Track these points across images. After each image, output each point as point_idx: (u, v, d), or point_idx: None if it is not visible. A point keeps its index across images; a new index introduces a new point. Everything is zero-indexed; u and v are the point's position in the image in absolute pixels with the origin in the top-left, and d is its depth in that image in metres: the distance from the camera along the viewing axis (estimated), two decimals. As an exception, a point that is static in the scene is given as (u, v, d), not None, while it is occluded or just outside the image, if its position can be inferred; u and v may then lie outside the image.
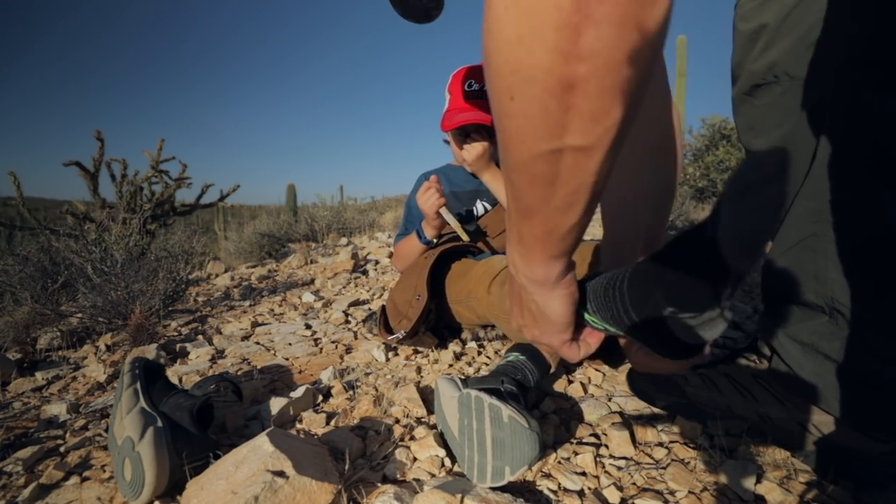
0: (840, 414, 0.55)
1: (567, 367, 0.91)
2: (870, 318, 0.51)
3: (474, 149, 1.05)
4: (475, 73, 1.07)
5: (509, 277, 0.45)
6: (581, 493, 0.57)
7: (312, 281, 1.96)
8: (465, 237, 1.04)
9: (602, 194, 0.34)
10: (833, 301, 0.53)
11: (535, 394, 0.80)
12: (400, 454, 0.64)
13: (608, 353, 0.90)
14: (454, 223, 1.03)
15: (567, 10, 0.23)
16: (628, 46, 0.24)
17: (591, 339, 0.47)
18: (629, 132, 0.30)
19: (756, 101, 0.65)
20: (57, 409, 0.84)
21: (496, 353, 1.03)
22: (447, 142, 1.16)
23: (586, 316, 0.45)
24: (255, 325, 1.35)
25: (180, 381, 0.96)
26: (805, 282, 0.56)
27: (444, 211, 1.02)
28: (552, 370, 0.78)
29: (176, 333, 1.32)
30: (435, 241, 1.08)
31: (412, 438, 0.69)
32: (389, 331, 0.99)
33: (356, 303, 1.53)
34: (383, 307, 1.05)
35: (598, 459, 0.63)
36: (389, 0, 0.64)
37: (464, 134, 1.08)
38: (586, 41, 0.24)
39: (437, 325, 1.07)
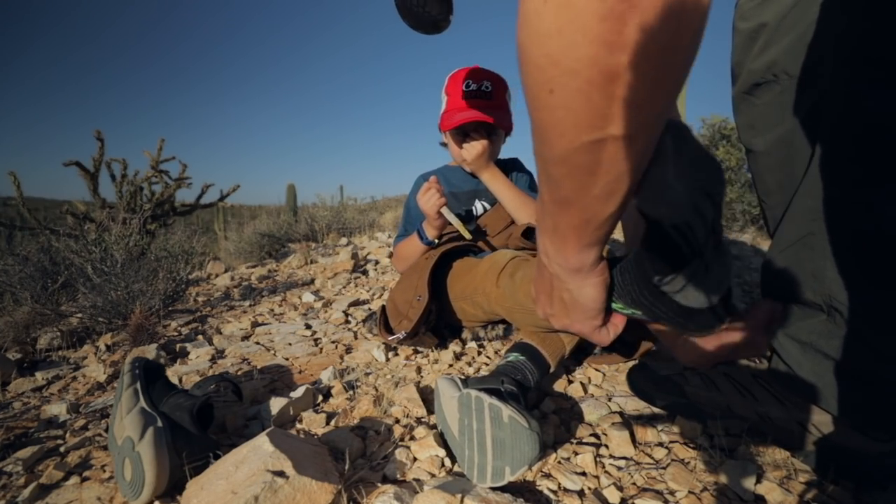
0: (839, 413, 0.55)
1: (567, 367, 0.91)
2: (868, 316, 0.51)
3: (474, 148, 1.06)
4: (471, 75, 1.08)
5: (538, 268, 0.46)
6: (581, 493, 0.57)
7: (312, 281, 1.96)
8: (467, 235, 1.04)
9: (637, 183, 0.34)
10: (831, 299, 0.53)
11: (536, 394, 0.80)
12: (400, 454, 0.64)
13: (622, 344, 0.89)
14: (456, 222, 1.03)
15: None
16: (672, 34, 0.24)
17: (618, 321, 0.48)
18: (665, 120, 0.30)
19: (756, 100, 0.65)
20: (57, 409, 0.84)
21: (496, 353, 1.03)
22: (444, 144, 1.17)
23: (613, 304, 0.46)
24: (255, 325, 1.35)
25: (180, 381, 0.96)
26: (804, 280, 0.56)
27: (445, 210, 1.02)
28: (552, 370, 0.78)
29: (176, 333, 1.32)
30: (436, 241, 1.08)
31: (412, 438, 0.69)
32: (390, 331, 0.99)
33: (356, 303, 1.53)
34: (383, 307, 1.06)
35: (598, 459, 0.63)
36: (399, 13, 0.65)
37: (462, 134, 1.09)
38: (630, 31, 0.24)
39: (437, 325, 1.07)
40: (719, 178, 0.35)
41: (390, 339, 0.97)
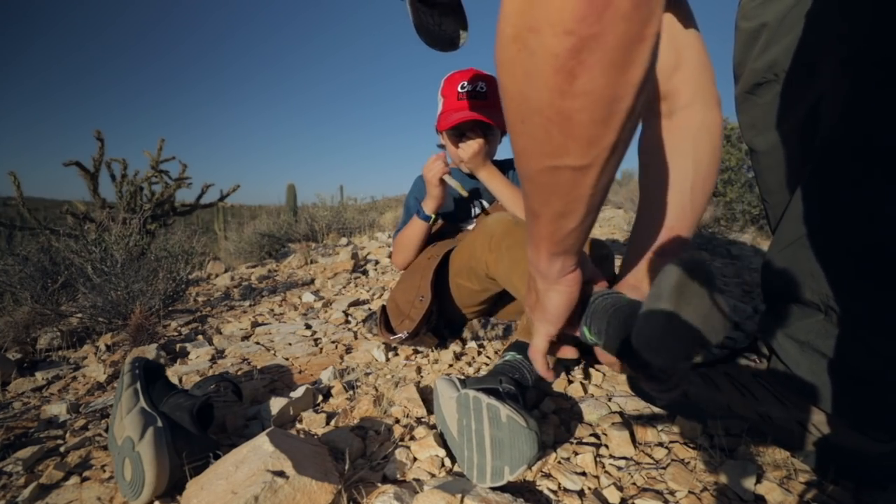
0: (836, 412, 0.55)
1: (567, 367, 0.91)
2: (865, 316, 0.51)
3: (470, 146, 1.07)
4: (466, 77, 1.10)
5: (528, 262, 0.50)
6: (581, 493, 0.57)
7: (312, 281, 1.96)
8: (464, 193, 1.09)
9: (600, 206, 0.39)
10: (829, 299, 0.53)
11: (535, 393, 0.80)
12: (400, 454, 0.64)
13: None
14: (455, 184, 1.07)
15: (563, 57, 0.28)
16: (616, 86, 0.29)
17: (567, 351, 0.55)
18: (623, 154, 0.35)
19: (758, 100, 0.66)
20: (57, 409, 0.84)
21: (496, 353, 1.03)
22: (442, 146, 1.18)
23: (583, 325, 0.49)
24: (255, 325, 1.35)
25: (180, 381, 0.96)
26: (802, 280, 0.56)
27: (447, 177, 1.05)
28: (550, 367, 0.78)
29: (176, 333, 1.32)
30: (433, 216, 1.10)
31: (412, 438, 0.69)
32: (391, 331, 0.99)
33: (356, 303, 1.53)
34: (384, 307, 1.06)
35: (598, 459, 0.63)
36: (417, 32, 0.67)
37: (459, 133, 1.11)
38: (580, 82, 0.28)
39: (438, 326, 1.07)
40: (724, 328, 0.33)
41: (392, 338, 0.97)
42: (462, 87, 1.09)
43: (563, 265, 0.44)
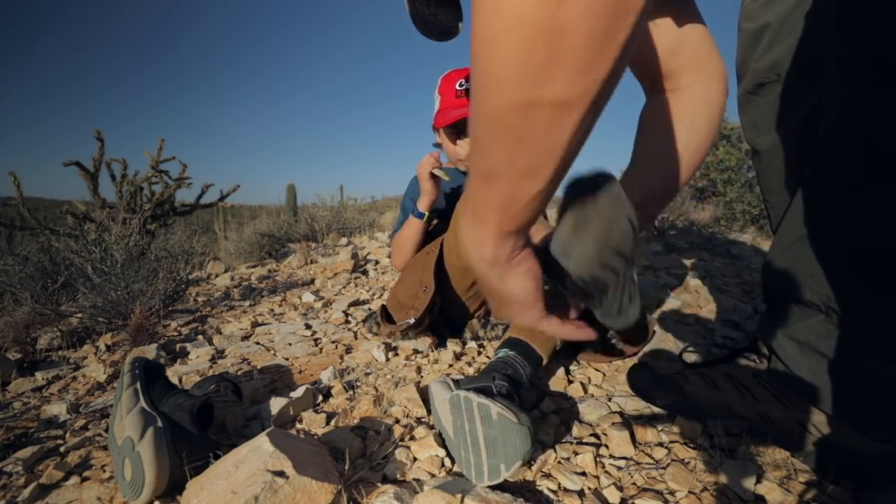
0: (836, 413, 0.55)
1: (567, 367, 0.91)
2: (866, 317, 0.51)
3: (468, 144, 1.07)
4: (464, 74, 1.11)
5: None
6: (581, 493, 0.57)
7: (312, 281, 1.96)
8: (446, 178, 1.11)
9: (569, 166, 0.32)
10: (829, 300, 0.53)
11: (535, 393, 0.80)
12: (400, 454, 0.64)
13: (606, 347, 0.90)
14: (441, 173, 1.09)
15: None
16: None
17: (571, 310, 0.48)
18: (611, 94, 0.29)
19: (760, 100, 0.66)
20: (57, 409, 0.84)
21: (496, 352, 1.03)
22: (438, 144, 1.18)
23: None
24: (255, 325, 1.35)
25: (180, 381, 0.96)
26: (803, 280, 0.56)
27: (436, 170, 1.08)
28: (545, 362, 0.78)
29: (176, 333, 1.32)
30: (427, 213, 1.11)
31: (412, 438, 0.69)
32: (393, 322, 1.00)
33: (356, 303, 1.53)
34: (383, 306, 1.06)
35: (598, 459, 0.63)
36: (413, 22, 0.67)
37: (457, 131, 1.11)
38: None
39: (437, 324, 1.07)
40: (631, 235, 0.36)
41: (396, 326, 0.98)
42: (461, 85, 1.09)
43: (512, 246, 0.37)
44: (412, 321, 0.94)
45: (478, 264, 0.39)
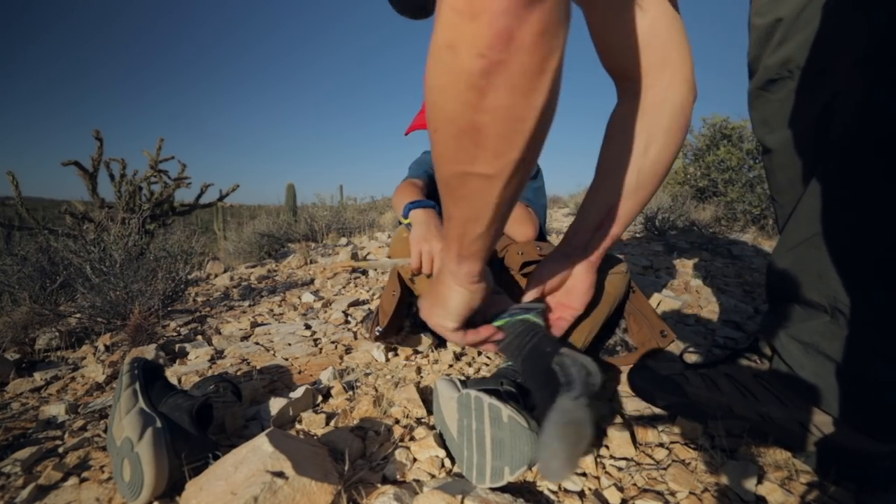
0: (840, 414, 0.55)
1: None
2: (872, 318, 0.51)
3: None
4: None
5: (441, 257, 0.56)
6: (581, 494, 0.57)
7: (312, 281, 1.95)
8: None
9: (507, 216, 0.43)
10: (835, 301, 0.53)
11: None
12: (400, 455, 0.64)
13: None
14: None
15: (476, 75, 0.31)
16: (520, 108, 0.32)
17: (483, 332, 0.58)
18: (530, 169, 0.38)
19: (771, 96, 0.65)
20: (55, 409, 0.84)
21: (497, 353, 1.03)
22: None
23: (496, 323, 0.58)
24: (254, 325, 1.35)
25: (179, 381, 0.96)
26: (809, 281, 0.56)
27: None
28: None
29: (175, 334, 1.32)
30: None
31: (412, 439, 0.69)
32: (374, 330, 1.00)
33: (356, 303, 1.52)
34: (376, 310, 1.06)
35: (598, 460, 0.63)
36: None
37: None
38: (489, 100, 0.32)
39: (426, 325, 1.07)
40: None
41: (371, 333, 0.97)
42: None
43: (469, 269, 0.48)
44: (379, 331, 0.93)
45: (444, 269, 0.51)
